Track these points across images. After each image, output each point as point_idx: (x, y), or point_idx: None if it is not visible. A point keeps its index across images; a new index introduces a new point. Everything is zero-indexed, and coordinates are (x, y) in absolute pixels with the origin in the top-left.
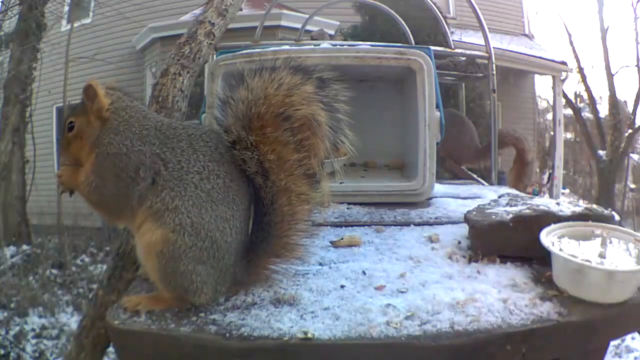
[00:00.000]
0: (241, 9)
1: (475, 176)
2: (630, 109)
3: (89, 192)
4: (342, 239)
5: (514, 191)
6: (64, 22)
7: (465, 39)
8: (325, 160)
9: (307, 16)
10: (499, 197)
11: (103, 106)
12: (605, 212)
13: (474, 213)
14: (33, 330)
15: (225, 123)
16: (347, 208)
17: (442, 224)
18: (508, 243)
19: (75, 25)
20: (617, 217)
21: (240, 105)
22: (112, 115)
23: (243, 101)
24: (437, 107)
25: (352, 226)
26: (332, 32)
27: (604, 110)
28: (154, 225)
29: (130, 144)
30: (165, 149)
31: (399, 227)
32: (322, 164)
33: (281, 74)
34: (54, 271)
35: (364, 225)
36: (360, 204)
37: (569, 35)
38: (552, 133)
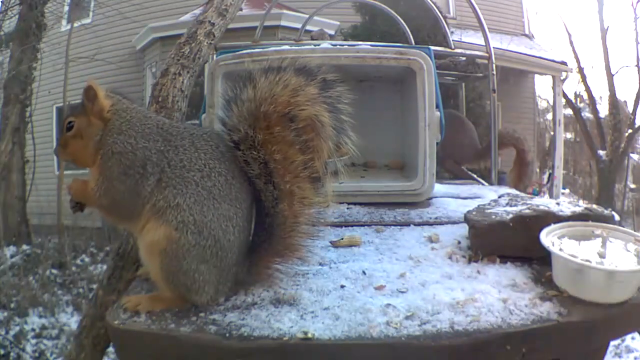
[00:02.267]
0: (241, 9)
1: (475, 176)
2: (630, 109)
3: (100, 197)
4: (342, 239)
5: (514, 191)
6: (64, 22)
7: (465, 39)
8: (328, 160)
9: (307, 16)
10: (499, 197)
11: (104, 107)
12: (605, 212)
13: (474, 213)
14: (33, 330)
15: (230, 122)
16: (347, 208)
17: (442, 224)
18: (508, 243)
19: (75, 25)
20: (617, 217)
21: (247, 104)
22: (113, 116)
23: (250, 100)
24: (437, 107)
25: (352, 226)
26: (332, 32)
27: (604, 110)
28: (157, 224)
29: (135, 142)
30: (168, 147)
31: (399, 227)
32: (326, 167)
33: (287, 75)
34: (54, 271)
35: (364, 225)
36: (360, 204)
37: (569, 35)
38: (552, 133)
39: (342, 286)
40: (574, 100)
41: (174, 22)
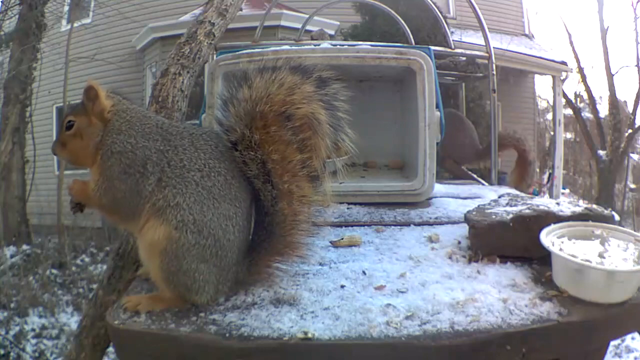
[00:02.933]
0: (241, 9)
1: (475, 176)
2: (630, 109)
3: (100, 197)
4: (342, 239)
5: (514, 191)
6: (64, 22)
7: (465, 39)
8: (327, 160)
9: (307, 16)
10: (499, 197)
11: (105, 107)
12: (605, 212)
13: (474, 213)
14: (33, 330)
15: (227, 123)
16: (347, 208)
17: (442, 224)
18: (508, 243)
19: (75, 25)
20: (617, 217)
21: (243, 104)
22: (113, 116)
23: (246, 100)
24: (437, 107)
25: (352, 226)
26: (332, 32)
27: (604, 110)
28: (157, 223)
29: (135, 142)
30: (168, 147)
31: (399, 227)
32: (324, 165)
33: (282, 74)
34: (54, 271)
35: (364, 225)
36: (360, 204)
37: (569, 35)
38: (552, 133)
39: (342, 286)
40: (574, 100)
41: (174, 22)
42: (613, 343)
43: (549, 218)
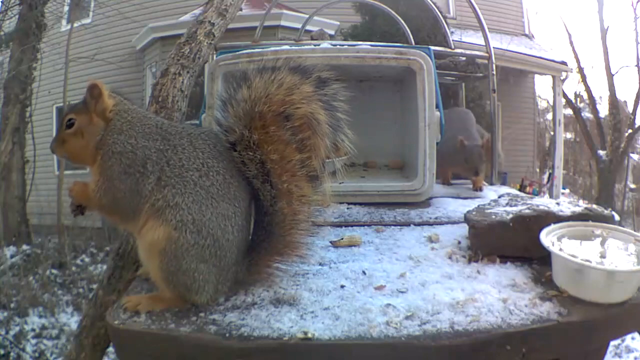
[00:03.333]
0: (241, 9)
1: None
2: (630, 109)
3: (100, 198)
4: (342, 239)
5: (514, 191)
6: (64, 22)
7: (465, 39)
8: (327, 160)
9: (307, 16)
10: (499, 197)
11: (107, 107)
12: (605, 212)
13: (474, 213)
14: (33, 330)
15: (226, 123)
16: (347, 208)
17: (442, 224)
18: (508, 243)
19: (75, 25)
20: (617, 217)
21: (242, 105)
22: (115, 116)
23: (245, 100)
24: (437, 107)
25: (352, 226)
26: (332, 32)
27: (604, 110)
28: (156, 223)
29: (135, 142)
30: (167, 147)
31: (399, 227)
32: (323, 164)
33: (281, 74)
34: (54, 271)
35: (364, 225)
36: (360, 204)
37: (569, 35)
38: (552, 133)
39: (342, 286)
40: (574, 100)
41: (174, 22)
42: (613, 343)
43: (549, 218)
